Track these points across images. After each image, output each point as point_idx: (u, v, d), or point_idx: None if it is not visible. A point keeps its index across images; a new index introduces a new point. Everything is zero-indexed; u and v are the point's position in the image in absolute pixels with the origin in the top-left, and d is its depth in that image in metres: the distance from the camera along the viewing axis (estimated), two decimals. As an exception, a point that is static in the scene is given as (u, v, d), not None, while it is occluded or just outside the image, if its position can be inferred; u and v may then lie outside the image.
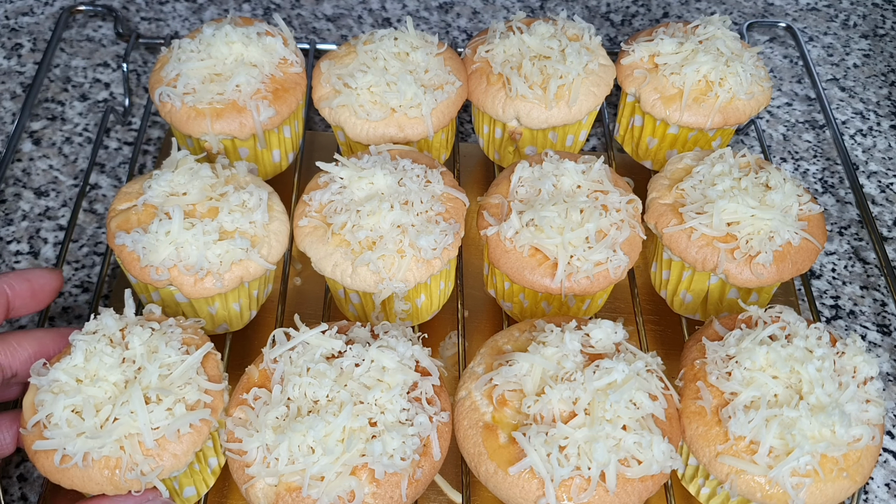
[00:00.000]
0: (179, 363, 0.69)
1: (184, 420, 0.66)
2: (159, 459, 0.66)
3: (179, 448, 0.66)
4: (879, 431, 0.71)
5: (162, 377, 0.68)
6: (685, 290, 0.90)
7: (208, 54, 0.94)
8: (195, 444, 0.67)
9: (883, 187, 1.13)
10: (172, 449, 0.66)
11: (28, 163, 1.09)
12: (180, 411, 0.67)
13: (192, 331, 0.73)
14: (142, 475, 0.65)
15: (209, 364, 0.72)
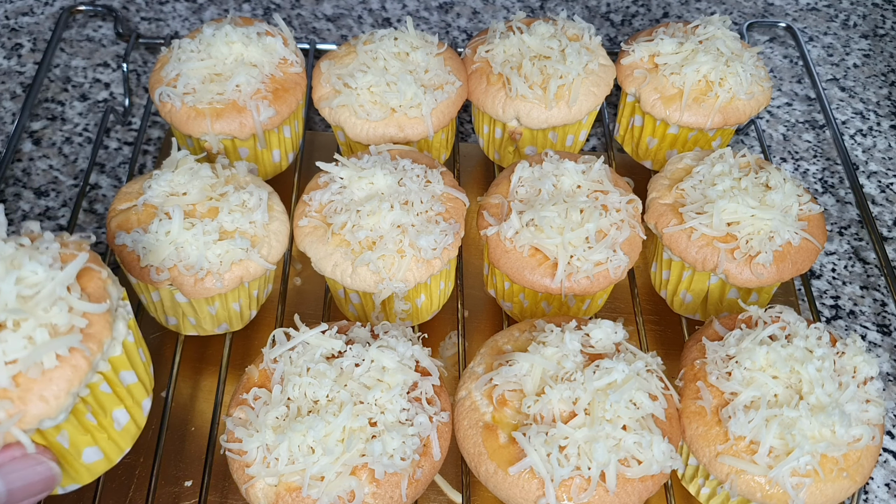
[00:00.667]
0: (47, 281, 0.53)
1: (47, 349, 0.50)
2: (19, 403, 0.50)
3: (48, 388, 0.50)
4: (879, 431, 0.71)
5: (22, 298, 0.52)
6: (685, 290, 0.90)
7: (208, 54, 0.94)
8: (70, 382, 0.51)
9: (883, 187, 1.13)
10: (38, 389, 0.50)
11: (28, 163, 1.09)
12: (42, 338, 0.51)
13: (74, 246, 0.57)
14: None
15: (90, 283, 0.56)
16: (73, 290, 0.52)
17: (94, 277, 0.55)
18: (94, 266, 0.55)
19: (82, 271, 0.51)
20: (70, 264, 0.52)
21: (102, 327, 0.53)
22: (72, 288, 0.52)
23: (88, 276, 0.55)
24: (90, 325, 0.52)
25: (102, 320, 0.53)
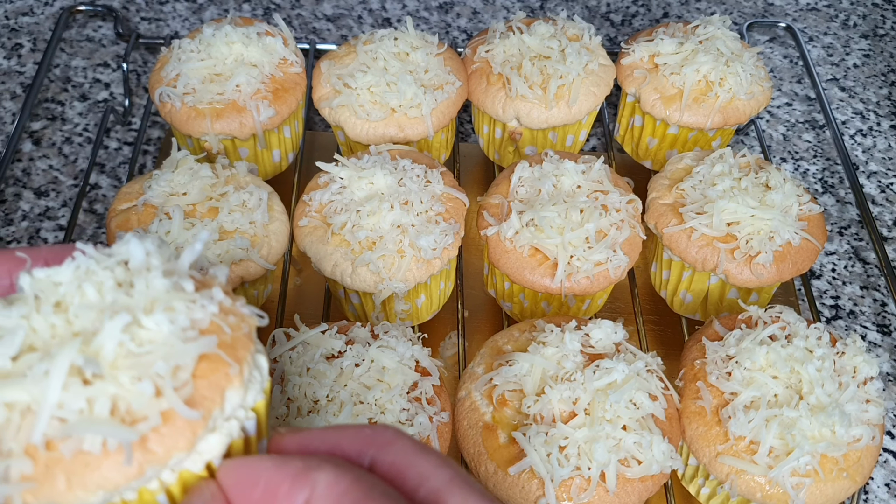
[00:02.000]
0: (162, 347, 0.37)
1: (95, 430, 0.34)
2: (40, 478, 0.34)
3: (78, 473, 0.34)
4: (879, 431, 0.71)
5: (124, 351, 0.36)
6: (685, 290, 0.90)
7: (208, 54, 0.94)
8: (99, 481, 0.35)
9: (883, 187, 1.13)
10: (68, 470, 0.34)
11: (28, 163, 1.09)
12: (101, 410, 0.35)
13: (235, 317, 0.40)
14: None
15: (209, 374, 0.37)
16: (178, 373, 0.35)
17: (219, 371, 0.36)
18: (224, 356, 0.37)
19: (210, 355, 0.36)
20: (200, 340, 0.36)
21: (178, 438, 0.35)
22: (180, 369, 0.36)
23: (212, 365, 0.36)
24: (166, 425, 0.35)
25: (184, 430, 0.35)
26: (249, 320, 0.38)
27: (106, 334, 0.34)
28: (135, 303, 0.35)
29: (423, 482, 0.36)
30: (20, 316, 0.35)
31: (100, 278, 0.36)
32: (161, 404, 0.34)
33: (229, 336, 0.36)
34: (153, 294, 0.36)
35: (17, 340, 0.34)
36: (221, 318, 0.37)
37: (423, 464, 0.37)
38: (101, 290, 0.36)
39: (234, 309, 0.38)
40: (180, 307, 0.36)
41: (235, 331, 0.37)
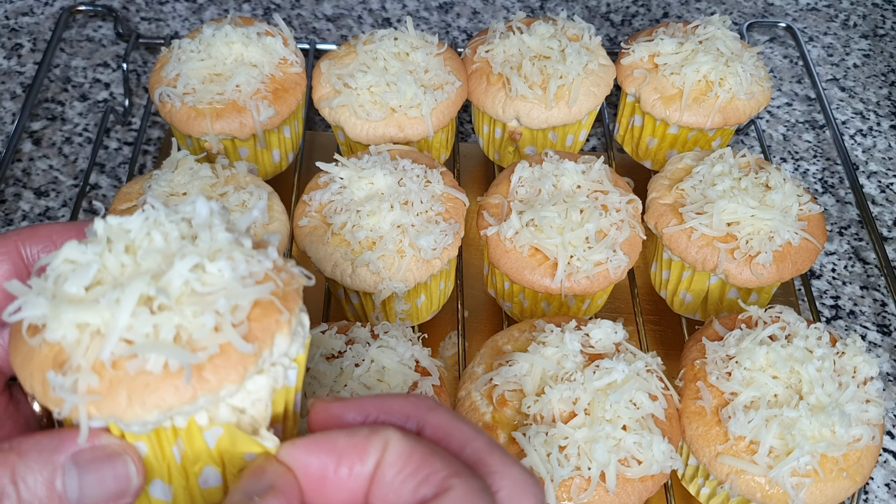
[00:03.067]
0: (221, 290, 0.40)
1: (161, 352, 0.37)
2: (106, 393, 0.38)
3: (138, 391, 0.37)
4: (879, 431, 0.71)
5: (189, 290, 0.39)
6: (685, 290, 0.90)
7: (208, 54, 0.94)
8: (163, 400, 0.38)
9: (883, 187, 1.13)
10: (127, 387, 0.37)
11: (28, 163, 1.10)
12: (166, 336, 0.38)
13: (286, 275, 0.42)
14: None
15: (262, 317, 0.40)
16: (236, 312, 0.39)
17: (271, 316, 0.39)
18: (277, 303, 0.39)
19: (264, 301, 0.39)
20: (257, 287, 0.39)
21: (230, 370, 0.38)
22: (238, 309, 0.39)
23: (265, 310, 0.39)
24: (220, 357, 0.38)
25: (237, 363, 0.38)
26: (299, 279, 0.41)
27: (175, 272, 0.37)
28: (199, 251, 0.38)
29: (466, 444, 0.39)
30: (94, 253, 0.39)
31: (166, 229, 0.39)
32: (220, 337, 0.37)
33: (281, 289, 0.39)
34: (217, 245, 0.39)
35: (90, 272, 0.38)
36: (275, 273, 0.40)
37: (465, 429, 0.40)
38: (168, 239, 0.39)
39: (286, 268, 0.41)
40: (240, 258, 0.39)
41: (287, 286, 0.40)
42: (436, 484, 0.37)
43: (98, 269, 0.38)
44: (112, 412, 0.36)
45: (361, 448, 0.38)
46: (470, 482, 0.37)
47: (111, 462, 0.38)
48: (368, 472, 0.38)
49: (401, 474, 0.37)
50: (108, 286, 0.38)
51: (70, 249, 0.39)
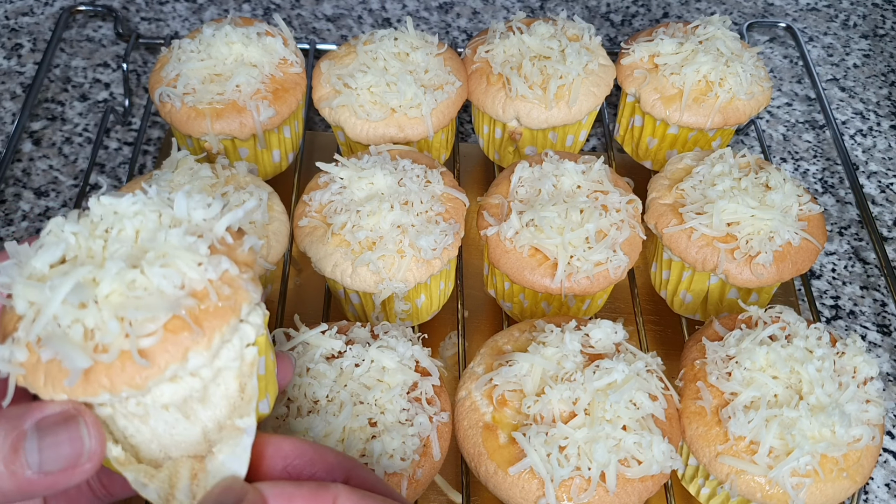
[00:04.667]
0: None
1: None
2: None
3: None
4: (879, 431, 0.71)
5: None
6: (685, 290, 0.90)
7: (208, 54, 0.94)
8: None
9: (883, 187, 1.13)
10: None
11: (28, 163, 1.10)
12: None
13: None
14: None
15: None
16: (147, 323, 0.40)
17: (183, 332, 0.40)
18: (189, 322, 0.40)
19: (181, 318, 0.40)
20: (177, 301, 0.40)
21: (126, 377, 0.40)
22: (151, 321, 0.40)
23: (181, 325, 0.40)
24: (117, 364, 0.40)
25: (133, 372, 0.40)
26: (244, 293, 0.42)
27: (106, 272, 0.40)
28: (154, 249, 0.41)
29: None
30: (71, 232, 0.42)
31: (147, 219, 0.42)
32: (123, 346, 0.39)
33: (212, 304, 0.40)
34: (165, 248, 0.40)
35: (57, 252, 0.41)
36: (217, 285, 0.41)
37: (384, 489, 0.44)
38: (142, 228, 0.42)
39: (235, 280, 0.42)
40: (183, 266, 0.40)
41: (223, 300, 0.41)
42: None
43: (69, 249, 0.41)
44: (34, 387, 0.40)
45: (313, 498, 0.40)
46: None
47: (66, 425, 0.40)
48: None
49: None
50: (69, 267, 0.41)
51: (54, 224, 0.42)
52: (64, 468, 0.41)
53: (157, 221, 0.42)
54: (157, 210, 0.42)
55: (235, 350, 0.42)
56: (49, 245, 0.41)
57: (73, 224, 0.42)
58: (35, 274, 0.41)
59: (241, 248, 0.43)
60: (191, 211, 0.43)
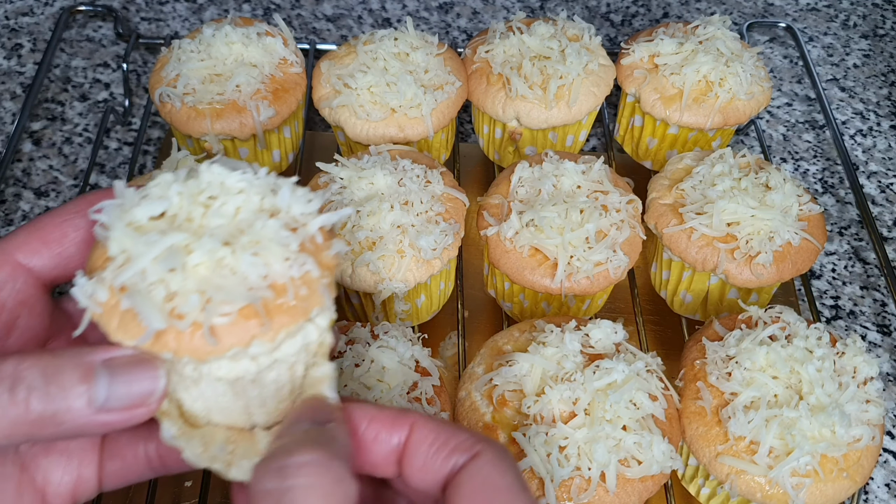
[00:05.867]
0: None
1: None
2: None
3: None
4: (879, 432, 0.71)
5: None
6: (685, 290, 0.90)
7: (208, 55, 0.94)
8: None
9: (883, 187, 1.13)
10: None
11: (28, 163, 1.10)
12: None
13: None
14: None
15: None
16: (223, 305, 0.41)
17: (252, 320, 0.42)
18: (262, 314, 0.42)
19: (255, 307, 0.41)
20: (255, 292, 0.41)
21: (190, 347, 0.41)
22: (226, 303, 0.41)
23: (252, 313, 0.42)
24: (188, 334, 0.41)
25: (197, 346, 0.41)
26: (317, 300, 0.43)
27: (200, 245, 0.41)
28: (250, 234, 0.42)
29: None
30: (177, 192, 0.43)
31: (249, 200, 0.43)
32: (198, 319, 0.40)
33: (287, 302, 0.42)
34: (259, 236, 0.42)
35: (158, 208, 0.42)
36: (296, 284, 0.42)
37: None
38: (243, 207, 0.43)
39: (314, 283, 0.43)
40: (272, 258, 0.42)
41: (298, 301, 0.42)
42: (466, 451, 0.41)
43: (171, 207, 0.43)
44: (106, 327, 0.42)
45: (392, 423, 0.43)
46: (495, 445, 0.42)
47: (142, 368, 0.42)
48: (396, 444, 0.43)
49: (433, 447, 0.42)
50: (166, 225, 0.42)
51: (163, 179, 0.43)
52: (128, 406, 0.42)
53: (258, 204, 0.43)
54: (261, 194, 0.43)
55: (296, 347, 0.44)
56: (153, 198, 0.43)
57: (180, 185, 0.43)
58: (134, 222, 0.42)
59: (328, 252, 0.44)
60: (291, 203, 0.44)
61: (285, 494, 0.38)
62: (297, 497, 0.37)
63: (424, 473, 0.43)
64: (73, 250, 0.49)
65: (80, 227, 0.48)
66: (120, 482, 0.52)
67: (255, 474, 0.40)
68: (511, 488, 0.41)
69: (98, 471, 0.51)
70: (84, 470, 0.50)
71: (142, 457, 0.51)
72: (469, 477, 0.41)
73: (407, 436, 0.43)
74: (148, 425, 0.49)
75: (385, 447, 0.43)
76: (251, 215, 0.43)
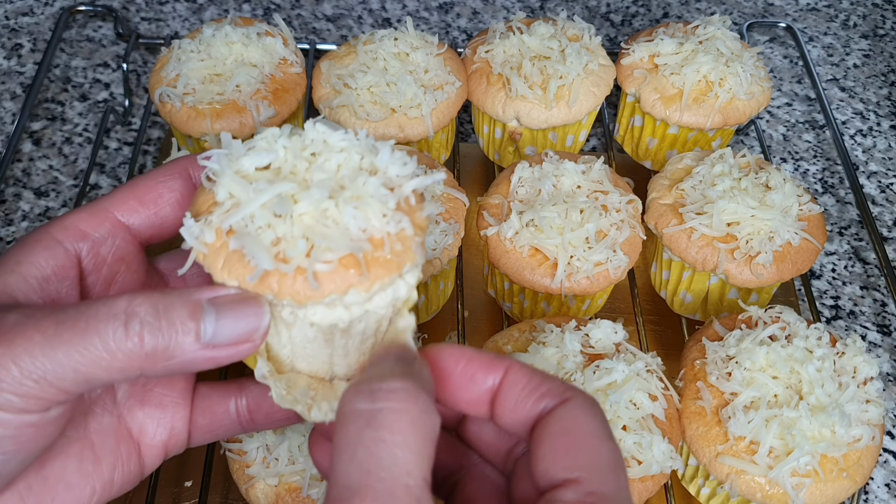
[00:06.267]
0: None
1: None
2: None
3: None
4: (879, 432, 0.71)
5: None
6: (685, 290, 0.90)
7: (208, 54, 0.94)
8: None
9: (883, 187, 1.13)
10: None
11: (28, 163, 1.09)
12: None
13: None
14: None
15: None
16: (326, 252, 0.43)
17: (351, 270, 0.43)
18: (362, 264, 0.44)
19: (355, 256, 0.43)
20: (358, 243, 0.43)
21: (290, 288, 0.43)
22: (329, 251, 0.43)
23: (353, 263, 0.44)
24: (292, 277, 0.43)
25: (301, 287, 0.43)
26: (410, 256, 0.45)
27: (308, 195, 0.43)
28: (352, 189, 0.44)
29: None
30: (283, 146, 0.45)
31: (350, 159, 0.46)
32: (302, 264, 0.42)
33: (383, 255, 0.44)
34: (361, 191, 0.44)
35: (264, 160, 0.45)
36: (392, 239, 0.44)
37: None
38: (344, 165, 0.45)
39: (408, 240, 0.45)
40: (371, 213, 0.44)
41: (393, 255, 0.44)
42: (556, 396, 0.43)
43: (277, 160, 0.45)
44: (211, 267, 0.44)
45: (489, 365, 0.45)
46: (585, 394, 0.44)
47: (248, 305, 0.44)
48: (491, 385, 0.45)
49: (525, 390, 0.44)
50: (272, 176, 0.45)
51: (269, 133, 0.46)
52: (234, 342, 0.44)
53: (358, 163, 0.46)
54: (361, 154, 0.46)
55: (386, 300, 0.46)
56: (260, 150, 0.45)
57: (286, 139, 0.46)
58: (241, 171, 0.45)
59: (420, 213, 0.46)
60: (389, 164, 0.46)
61: (375, 416, 0.39)
62: (387, 419, 0.39)
63: (515, 414, 0.44)
64: (168, 211, 0.51)
65: (174, 189, 0.51)
66: (208, 437, 0.55)
67: (346, 396, 0.41)
68: (597, 433, 0.42)
69: (189, 425, 0.53)
70: (176, 423, 0.53)
71: (231, 412, 0.54)
72: (558, 419, 0.43)
73: (502, 378, 0.45)
74: (238, 382, 0.54)
75: (480, 387, 0.45)
76: (352, 172, 0.45)
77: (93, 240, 0.49)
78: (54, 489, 0.48)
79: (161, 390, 0.53)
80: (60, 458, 0.48)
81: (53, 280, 0.48)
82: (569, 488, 0.41)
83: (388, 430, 0.38)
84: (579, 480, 0.41)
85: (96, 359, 0.41)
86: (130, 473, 0.51)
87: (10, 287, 0.46)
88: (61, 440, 0.49)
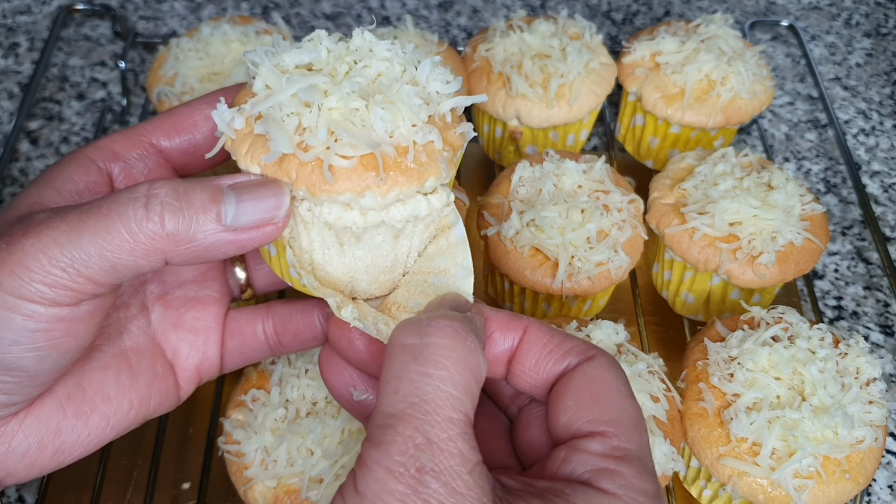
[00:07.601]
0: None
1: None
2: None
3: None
4: (882, 433, 0.71)
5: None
6: (687, 290, 0.89)
7: (206, 53, 0.94)
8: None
9: (886, 187, 1.13)
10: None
11: (25, 162, 1.09)
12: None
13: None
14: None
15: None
16: (349, 148, 0.44)
17: (370, 171, 0.44)
18: (380, 168, 0.44)
19: (375, 157, 0.44)
20: (381, 146, 0.44)
21: (309, 181, 0.44)
22: (355, 147, 0.44)
23: (373, 164, 0.44)
24: (308, 166, 0.44)
25: (318, 180, 0.44)
26: (434, 169, 0.45)
27: (338, 90, 0.44)
28: (386, 94, 0.45)
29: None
30: (326, 48, 0.47)
31: (392, 68, 0.46)
32: (321, 154, 0.43)
33: (406, 163, 0.44)
34: (394, 97, 0.44)
35: (304, 58, 0.46)
36: (418, 150, 0.45)
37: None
38: (385, 74, 0.46)
39: (435, 153, 0.45)
40: (400, 119, 0.44)
41: (417, 165, 0.44)
42: (580, 354, 0.44)
43: (318, 61, 0.46)
44: (236, 153, 0.45)
45: (507, 324, 0.46)
46: (607, 354, 0.44)
47: (268, 188, 0.45)
48: (510, 345, 0.45)
49: (545, 349, 0.45)
50: (307, 70, 0.46)
51: (318, 34, 0.47)
52: (256, 224, 0.44)
53: (399, 74, 0.46)
54: (404, 66, 0.46)
55: (405, 213, 0.46)
56: (304, 49, 0.46)
57: (332, 42, 0.47)
58: (281, 66, 0.46)
59: (454, 131, 0.46)
60: (430, 80, 0.46)
61: (423, 350, 0.40)
62: (433, 353, 0.40)
63: (534, 373, 0.45)
64: (201, 139, 0.52)
65: (210, 119, 0.52)
66: (240, 360, 0.56)
67: (396, 331, 0.42)
68: (620, 390, 0.43)
69: (220, 349, 0.55)
70: (208, 348, 0.55)
71: (260, 335, 0.56)
72: (581, 374, 0.43)
73: (521, 337, 0.45)
74: (267, 305, 0.56)
75: (499, 347, 0.45)
76: (390, 81, 0.45)
77: (125, 160, 0.51)
78: (93, 400, 0.49)
79: (194, 313, 0.55)
80: (99, 370, 0.50)
81: (86, 194, 0.49)
82: (594, 440, 0.41)
83: (434, 364, 0.39)
84: (606, 434, 0.41)
85: (120, 242, 0.42)
86: (168, 393, 0.53)
87: (45, 199, 0.48)
88: (98, 354, 0.50)
